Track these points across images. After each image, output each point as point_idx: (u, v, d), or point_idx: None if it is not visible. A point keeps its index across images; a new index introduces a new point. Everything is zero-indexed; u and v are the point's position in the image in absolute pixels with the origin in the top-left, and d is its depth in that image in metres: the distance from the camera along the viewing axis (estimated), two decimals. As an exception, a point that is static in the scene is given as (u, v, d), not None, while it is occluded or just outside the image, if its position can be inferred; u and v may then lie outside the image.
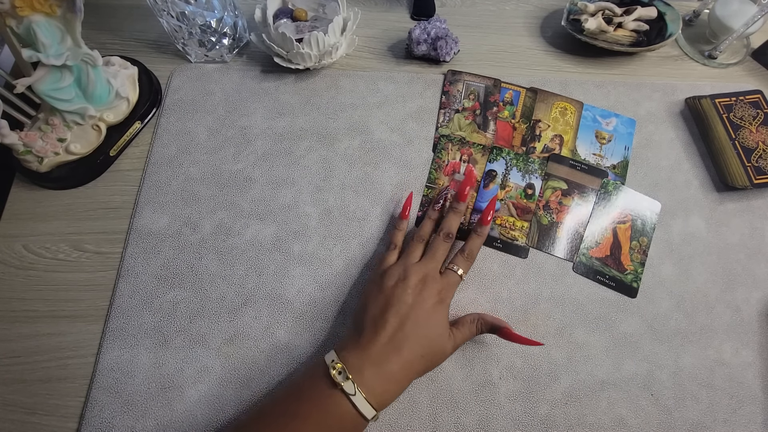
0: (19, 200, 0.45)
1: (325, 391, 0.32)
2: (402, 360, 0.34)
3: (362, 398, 0.31)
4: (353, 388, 0.31)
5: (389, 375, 0.33)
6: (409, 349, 0.34)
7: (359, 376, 0.32)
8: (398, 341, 0.34)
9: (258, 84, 0.52)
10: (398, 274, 0.38)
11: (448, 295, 0.38)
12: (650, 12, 0.54)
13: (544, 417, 0.38)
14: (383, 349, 0.34)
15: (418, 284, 0.37)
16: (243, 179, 0.47)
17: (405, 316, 0.35)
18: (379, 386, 0.33)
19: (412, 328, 0.35)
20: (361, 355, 0.34)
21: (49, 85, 0.41)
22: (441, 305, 0.37)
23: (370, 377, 0.32)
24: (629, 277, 0.44)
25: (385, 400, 0.33)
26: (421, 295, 0.36)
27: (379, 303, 0.36)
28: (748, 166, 0.47)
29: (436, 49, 0.52)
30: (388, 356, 0.34)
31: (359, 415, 0.32)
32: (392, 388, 0.34)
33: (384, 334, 0.34)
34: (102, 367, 0.38)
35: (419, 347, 0.35)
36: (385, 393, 0.33)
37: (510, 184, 0.47)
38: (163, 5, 0.46)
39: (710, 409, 0.39)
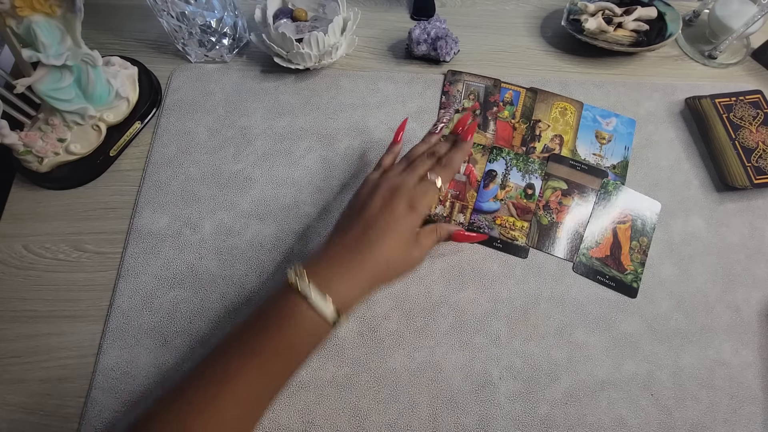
0: (19, 200, 0.45)
1: (287, 296, 0.31)
2: (365, 263, 0.33)
3: (320, 298, 0.30)
4: (309, 289, 0.30)
5: (351, 277, 0.32)
6: (372, 253, 0.33)
7: (318, 277, 0.31)
8: (362, 244, 0.33)
9: (258, 84, 0.52)
10: (373, 184, 0.38)
11: (421, 203, 0.36)
12: (650, 12, 0.54)
13: (544, 417, 0.38)
14: (346, 252, 0.33)
15: (389, 191, 0.36)
16: (243, 179, 0.47)
17: (372, 220, 0.34)
18: (342, 288, 0.32)
19: (377, 234, 0.34)
20: (322, 259, 0.33)
21: (49, 85, 0.41)
22: (412, 213, 0.35)
23: (331, 278, 0.32)
24: (629, 277, 0.44)
25: (348, 302, 0.32)
26: (390, 202, 0.35)
27: (349, 213, 0.36)
28: (748, 166, 0.47)
29: (436, 49, 0.52)
30: (351, 258, 0.33)
31: (319, 316, 0.31)
32: (355, 291, 0.33)
33: (348, 237, 0.34)
34: (102, 368, 0.38)
35: (384, 249, 0.33)
36: (347, 296, 0.32)
37: (510, 184, 0.47)
38: (163, 5, 0.46)
39: (710, 409, 0.39)
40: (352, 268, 0.33)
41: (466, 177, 0.47)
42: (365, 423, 0.37)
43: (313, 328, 0.31)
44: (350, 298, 0.32)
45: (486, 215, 0.46)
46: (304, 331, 0.31)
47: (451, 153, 0.40)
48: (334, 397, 0.38)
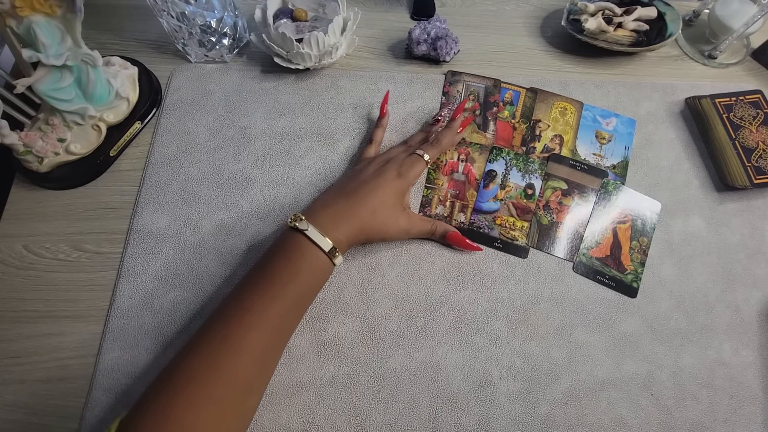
0: (19, 200, 0.45)
1: (286, 236, 0.36)
2: (354, 210, 0.38)
3: (316, 231, 0.35)
4: (306, 225, 0.36)
5: (342, 219, 0.37)
6: (362, 203, 0.38)
7: (314, 218, 0.36)
8: (353, 196, 0.38)
9: (258, 84, 0.52)
10: (369, 159, 0.43)
11: (408, 171, 0.41)
12: (650, 12, 0.54)
13: (544, 417, 0.38)
14: (339, 201, 0.38)
15: (382, 162, 0.42)
16: (243, 179, 0.47)
17: (363, 182, 0.40)
18: (334, 227, 0.36)
19: (367, 191, 0.39)
20: (317, 206, 0.38)
21: (49, 85, 0.41)
22: (399, 179, 0.40)
23: (324, 220, 0.37)
24: (629, 277, 0.44)
25: (340, 239, 0.37)
26: (382, 169, 0.41)
27: (345, 176, 0.42)
28: (748, 166, 0.47)
29: (436, 49, 0.52)
30: (343, 207, 0.38)
31: (318, 248, 0.35)
32: (345, 230, 0.37)
33: (341, 190, 0.39)
34: (102, 368, 0.38)
35: (370, 205, 0.38)
36: (339, 233, 0.36)
37: (510, 184, 0.47)
38: (163, 5, 0.46)
39: (710, 409, 0.40)
40: (343, 213, 0.38)
41: (465, 176, 0.47)
42: (365, 423, 0.37)
43: (314, 260, 0.35)
44: (342, 236, 0.37)
45: (486, 215, 0.46)
46: (307, 262, 0.35)
47: (442, 132, 0.45)
48: (334, 396, 0.38)
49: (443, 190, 0.47)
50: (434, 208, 0.46)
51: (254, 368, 0.32)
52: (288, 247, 0.36)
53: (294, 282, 0.34)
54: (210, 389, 0.30)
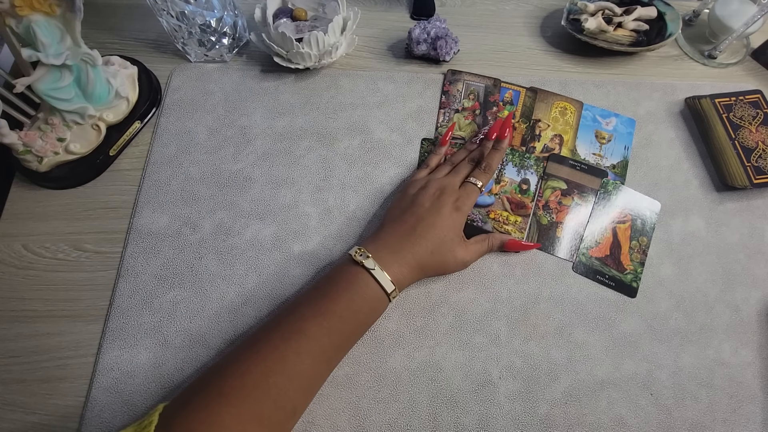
0: (18, 200, 0.45)
1: (351, 270, 0.37)
2: (414, 250, 0.38)
3: (381, 271, 0.36)
4: (373, 264, 0.36)
5: (402, 259, 0.37)
6: (421, 244, 0.38)
7: (378, 257, 0.37)
8: (411, 235, 0.38)
9: (258, 84, 0.52)
10: (420, 184, 0.42)
11: (464, 204, 0.41)
12: (650, 12, 0.54)
13: (544, 416, 0.38)
14: (399, 240, 0.38)
15: (436, 192, 0.41)
16: (243, 179, 0.47)
17: (421, 217, 0.39)
18: (395, 267, 0.37)
19: (426, 228, 0.39)
20: (378, 243, 0.38)
21: (48, 84, 0.41)
22: (457, 212, 0.40)
23: (387, 259, 0.37)
24: (629, 277, 0.44)
25: (401, 281, 0.37)
26: (438, 201, 0.40)
27: (400, 206, 0.41)
28: (748, 165, 0.47)
29: (436, 48, 0.52)
30: (402, 245, 0.38)
31: (380, 288, 0.36)
32: (405, 271, 0.37)
33: (401, 228, 0.39)
34: (102, 367, 0.38)
35: (431, 244, 0.38)
36: (399, 274, 0.37)
37: (505, 179, 0.47)
38: (162, 5, 0.46)
39: (710, 409, 0.40)
40: (402, 252, 0.38)
41: None
42: (365, 422, 0.37)
43: (373, 298, 0.36)
44: (401, 277, 0.37)
45: (480, 209, 0.46)
46: (367, 301, 0.36)
47: (490, 156, 0.44)
48: (334, 396, 0.38)
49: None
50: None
51: (302, 395, 0.33)
52: (352, 281, 0.36)
53: (353, 319, 0.35)
54: (259, 408, 0.30)
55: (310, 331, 0.33)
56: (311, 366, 0.33)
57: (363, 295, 0.36)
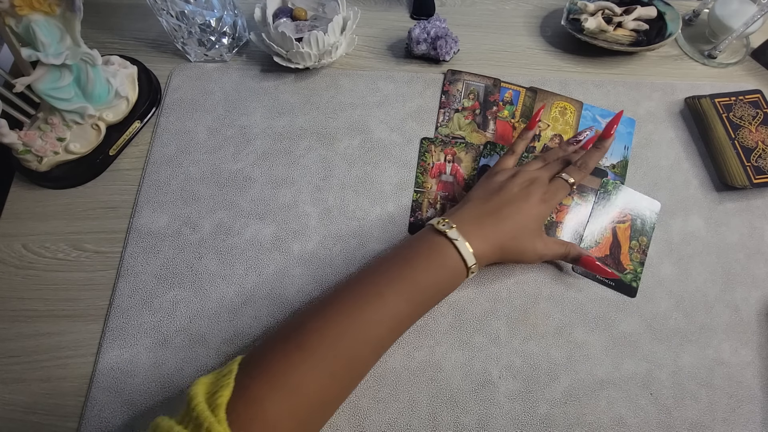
0: (18, 200, 0.45)
1: (434, 240, 0.36)
2: (497, 230, 0.37)
3: (465, 244, 0.35)
4: (457, 235, 0.35)
5: (485, 235, 0.37)
6: (504, 226, 0.38)
7: (461, 228, 0.36)
8: (496, 214, 0.38)
9: (257, 83, 0.52)
10: (510, 172, 0.42)
11: (552, 198, 0.40)
12: (650, 11, 0.54)
13: (544, 416, 0.38)
14: (483, 216, 0.38)
15: (526, 182, 0.40)
16: (242, 179, 0.47)
17: (508, 201, 0.39)
18: (478, 241, 0.36)
19: (512, 212, 0.38)
20: (463, 216, 0.38)
21: (48, 84, 0.41)
22: (543, 204, 0.39)
23: (470, 231, 0.36)
24: (629, 277, 0.44)
25: (480, 255, 0.36)
26: (527, 190, 0.39)
27: (487, 188, 0.41)
28: (748, 165, 0.47)
29: (436, 48, 0.51)
30: (486, 222, 0.37)
31: (462, 260, 0.35)
32: (487, 247, 0.37)
33: (486, 206, 0.39)
34: (102, 367, 0.38)
35: (514, 228, 0.38)
36: (481, 248, 0.36)
37: None
38: (162, 4, 0.46)
39: (709, 409, 0.40)
40: (486, 228, 0.37)
41: (453, 177, 0.47)
42: (365, 422, 0.37)
43: (453, 270, 0.36)
44: (482, 252, 0.36)
45: None
46: (447, 271, 0.35)
47: (588, 154, 0.43)
48: (333, 396, 0.38)
49: (432, 193, 0.47)
50: (425, 211, 0.46)
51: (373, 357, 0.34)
52: (434, 249, 0.36)
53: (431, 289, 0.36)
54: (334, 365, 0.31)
55: (388, 296, 0.34)
56: (385, 331, 0.34)
57: (443, 266, 0.35)
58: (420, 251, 0.36)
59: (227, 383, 0.28)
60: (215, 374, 0.30)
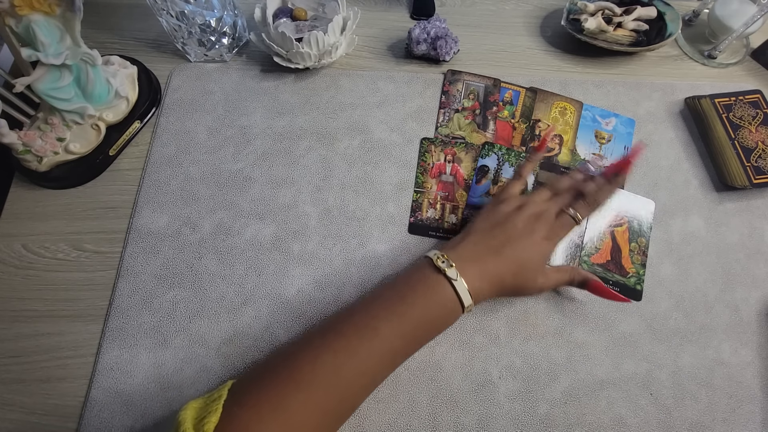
0: (18, 200, 0.45)
1: (431, 277, 0.35)
2: (497, 267, 0.37)
3: (463, 284, 0.35)
4: (456, 274, 0.35)
5: (484, 273, 0.36)
6: (505, 263, 0.37)
7: (460, 266, 0.35)
8: (498, 251, 0.37)
9: (257, 83, 0.52)
10: (516, 203, 0.40)
11: (557, 235, 0.39)
12: (650, 12, 0.54)
13: (544, 416, 0.38)
14: (484, 253, 0.37)
15: (532, 216, 0.39)
16: (242, 179, 0.46)
17: (511, 237, 0.38)
18: (476, 280, 0.35)
19: (513, 249, 0.37)
20: (462, 252, 0.37)
21: (48, 84, 0.41)
22: (547, 241, 0.38)
23: (469, 270, 0.36)
24: (632, 280, 0.44)
25: (480, 295, 0.36)
26: (532, 226, 0.38)
27: (491, 220, 0.39)
28: (748, 165, 0.47)
29: (436, 48, 0.51)
30: (487, 259, 0.37)
31: (458, 301, 0.35)
32: (485, 286, 0.36)
33: (488, 242, 0.38)
34: (101, 367, 0.38)
35: (515, 265, 0.37)
36: (479, 287, 0.36)
37: (502, 180, 0.47)
38: (162, 4, 0.46)
39: (709, 409, 0.40)
40: (486, 266, 0.36)
41: (453, 177, 0.47)
42: (365, 422, 0.37)
43: (449, 309, 0.35)
44: (480, 291, 0.36)
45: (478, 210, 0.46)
46: (442, 310, 0.35)
47: (598, 191, 0.40)
48: (333, 396, 0.38)
49: (432, 193, 0.47)
50: (425, 211, 0.46)
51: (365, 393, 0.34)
52: (431, 287, 0.35)
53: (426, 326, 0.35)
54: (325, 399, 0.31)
55: (383, 331, 0.33)
56: (379, 366, 0.33)
57: (439, 304, 0.35)
58: (416, 288, 0.35)
59: (215, 409, 0.28)
60: (205, 398, 0.30)
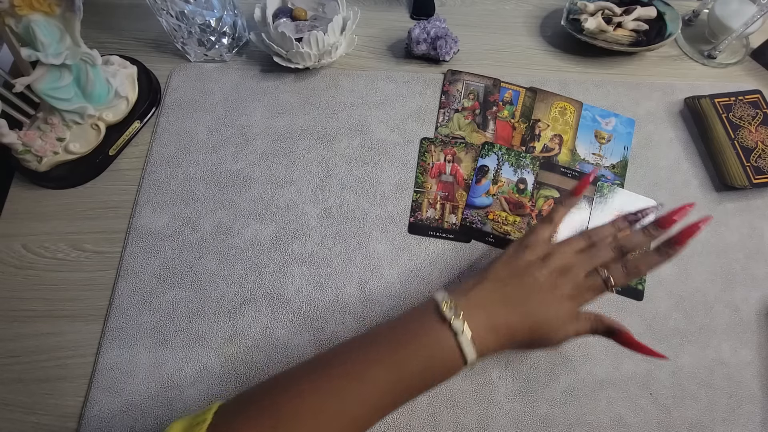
0: (18, 200, 0.45)
1: (434, 325, 0.32)
2: (510, 321, 0.32)
3: (468, 339, 0.31)
4: (462, 327, 0.31)
5: (494, 325, 0.32)
6: (521, 314, 0.33)
7: (468, 315, 0.31)
8: (512, 303, 0.33)
9: (257, 83, 0.52)
10: (542, 253, 0.35)
11: (583, 297, 0.34)
12: (650, 12, 0.54)
13: (544, 416, 0.38)
14: (498, 303, 0.33)
15: (557, 270, 0.34)
16: (242, 179, 0.46)
17: (530, 290, 0.33)
18: (484, 334, 0.31)
19: (530, 304, 0.33)
20: (473, 300, 0.33)
21: (48, 84, 0.41)
22: (570, 301, 0.34)
23: (478, 321, 0.31)
24: (634, 281, 0.44)
25: (487, 350, 0.32)
26: (555, 281, 0.34)
27: (510, 267, 0.35)
28: (747, 165, 0.47)
29: (436, 48, 0.52)
30: (499, 312, 0.33)
31: (461, 355, 0.31)
32: (492, 339, 0.32)
33: (503, 291, 0.33)
34: (101, 367, 0.38)
35: (530, 320, 0.33)
36: (486, 342, 0.32)
37: (502, 179, 0.47)
38: (162, 4, 0.46)
39: (709, 409, 0.40)
40: (498, 319, 0.32)
41: (453, 177, 0.47)
42: (365, 422, 0.37)
43: (450, 362, 0.31)
44: (487, 346, 0.32)
45: (478, 210, 0.46)
46: (441, 363, 0.31)
47: (646, 258, 0.35)
48: (333, 396, 0.38)
49: (432, 193, 0.47)
50: (425, 211, 0.46)
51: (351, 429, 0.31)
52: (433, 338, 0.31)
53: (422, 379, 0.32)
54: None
55: (376, 378, 0.30)
56: (367, 413, 0.30)
57: (440, 358, 0.31)
58: (418, 336, 0.32)
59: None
60: (190, 419, 0.29)
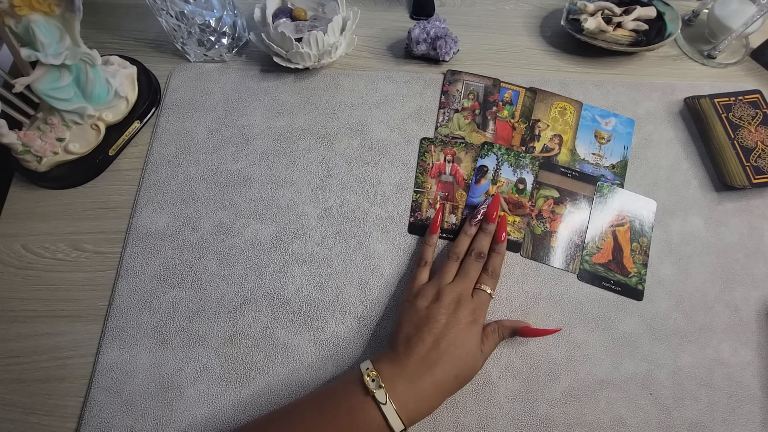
0: (17, 200, 0.45)
1: (358, 397, 0.33)
2: (435, 379, 0.34)
3: (392, 410, 0.32)
4: (385, 398, 0.32)
5: (421, 392, 0.33)
6: (443, 369, 0.34)
7: (392, 388, 0.33)
8: (432, 360, 0.34)
9: (257, 83, 0.52)
10: (432, 295, 0.38)
11: (481, 315, 0.38)
12: (649, 12, 0.54)
13: (544, 416, 0.38)
14: (417, 367, 0.34)
15: (452, 304, 0.37)
16: (242, 179, 0.46)
17: (439, 335, 0.35)
18: (411, 402, 0.33)
19: (446, 348, 0.35)
20: (395, 369, 0.34)
21: (47, 84, 0.41)
22: (474, 325, 0.37)
23: (403, 392, 0.33)
24: (634, 280, 0.44)
25: (415, 417, 0.33)
26: (455, 315, 0.37)
27: (414, 322, 0.37)
28: (747, 165, 0.47)
29: (436, 48, 0.52)
30: (422, 374, 0.34)
31: (387, 426, 0.32)
32: (423, 406, 0.34)
33: (418, 351, 0.35)
34: (101, 367, 0.38)
35: (453, 367, 0.35)
36: (416, 410, 0.33)
37: (501, 179, 0.47)
38: (162, 4, 0.46)
39: (709, 409, 0.40)
40: (421, 382, 0.33)
41: (453, 177, 0.47)
42: (365, 422, 0.37)
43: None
44: (418, 413, 0.33)
45: None
46: None
47: (492, 260, 0.41)
48: (333, 396, 0.38)
49: (432, 193, 0.47)
50: (424, 211, 0.46)
51: None
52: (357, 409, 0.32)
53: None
54: None
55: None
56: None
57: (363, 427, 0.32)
58: (341, 407, 0.32)
59: None
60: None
